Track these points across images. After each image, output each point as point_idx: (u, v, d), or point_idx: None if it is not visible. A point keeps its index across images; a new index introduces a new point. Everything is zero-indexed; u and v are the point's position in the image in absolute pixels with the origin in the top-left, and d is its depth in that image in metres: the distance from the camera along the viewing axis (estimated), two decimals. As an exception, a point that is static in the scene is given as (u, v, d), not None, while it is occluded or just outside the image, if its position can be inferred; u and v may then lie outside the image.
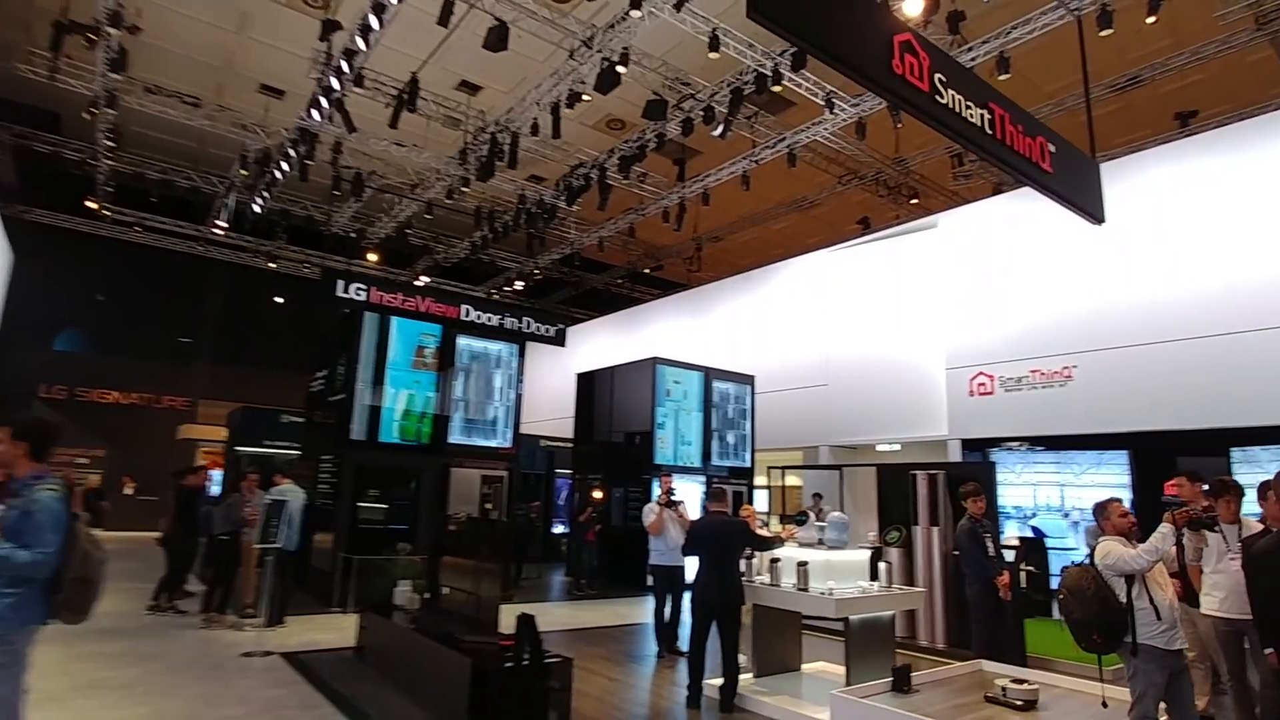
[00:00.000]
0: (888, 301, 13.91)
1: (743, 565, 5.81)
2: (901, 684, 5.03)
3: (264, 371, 20.26)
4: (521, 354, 11.34)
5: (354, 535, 9.10)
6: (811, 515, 6.18)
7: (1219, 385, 9.97)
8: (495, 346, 11.04)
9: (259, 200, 15.90)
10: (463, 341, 10.62)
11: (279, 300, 21.71)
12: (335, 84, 11.43)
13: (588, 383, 14.28)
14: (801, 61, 11.02)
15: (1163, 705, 3.86)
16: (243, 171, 15.21)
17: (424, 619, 5.92)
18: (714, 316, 17.49)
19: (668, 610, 7.35)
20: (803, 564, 5.34)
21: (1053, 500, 12.33)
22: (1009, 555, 6.65)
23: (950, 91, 5.09)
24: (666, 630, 7.31)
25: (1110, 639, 3.84)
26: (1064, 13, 10.20)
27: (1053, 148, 6.29)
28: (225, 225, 17.50)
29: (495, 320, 11.74)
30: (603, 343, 19.73)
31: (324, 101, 11.83)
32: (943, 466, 8.51)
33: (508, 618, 5.09)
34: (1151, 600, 3.81)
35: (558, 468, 15.81)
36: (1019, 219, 12.38)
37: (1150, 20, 9.80)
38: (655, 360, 12.66)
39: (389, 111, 12.44)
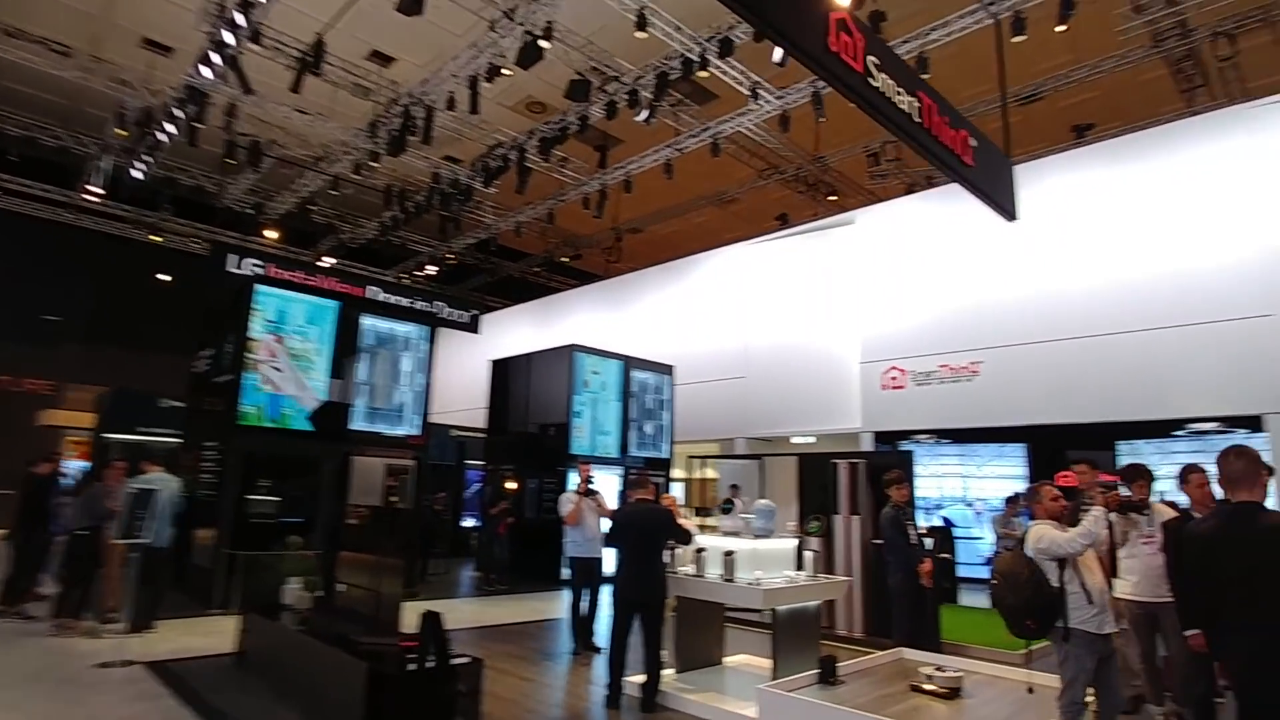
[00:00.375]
0: (806, 296, 14.03)
1: (665, 556, 5.53)
2: (829, 675, 4.88)
3: (141, 353, 18.53)
4: (432, 339, 10.71)
5: (241, 529, 8.30)
6: (738, 504, 5.98)
7: (1107, 381, 10.47)
8: (403, 329, 10.37)
9: (140, 166, 14.49)
10: (368, 322, 9.91)
11: (165, 278, 19.98)
12: (229, 38, 10.45)
13: (503, 370, 13.74)
14: (728, 49, 10.89)
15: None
16: (120, 132, 13.79)
17: (316, 619, 5.36)
18: (634, 307, 17.25)
19: (585, 604, 7.01)
20: (729, 553, 5.11)
21: (957, 491, 12.77)
22: (927, 544, 6.66)
23: (883, 76, 5.03)
24: (584, 625, 6.97)
25: (1043, 624, 3.77)
26: (982, 15, 10.44)
27: (974, 143, 6.32)
28: (100, 192, 15.89)
29: (405, 303, 11.08)
30: (519, 331, 19.16)
31: (216, 57, 10.81)
32: (864, 456, 8.53)
33: (412, 616, 4.63)
34: (1083, 584, 3.77)
35: (468, 458, 15.18)
36: (932, 219, 12.71)
37: (1061, 29, 10.14)
38: (573, 348, 12.28)
39: (291, 75, 11.51)
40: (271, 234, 19.14)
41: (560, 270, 22.64)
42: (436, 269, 21.21)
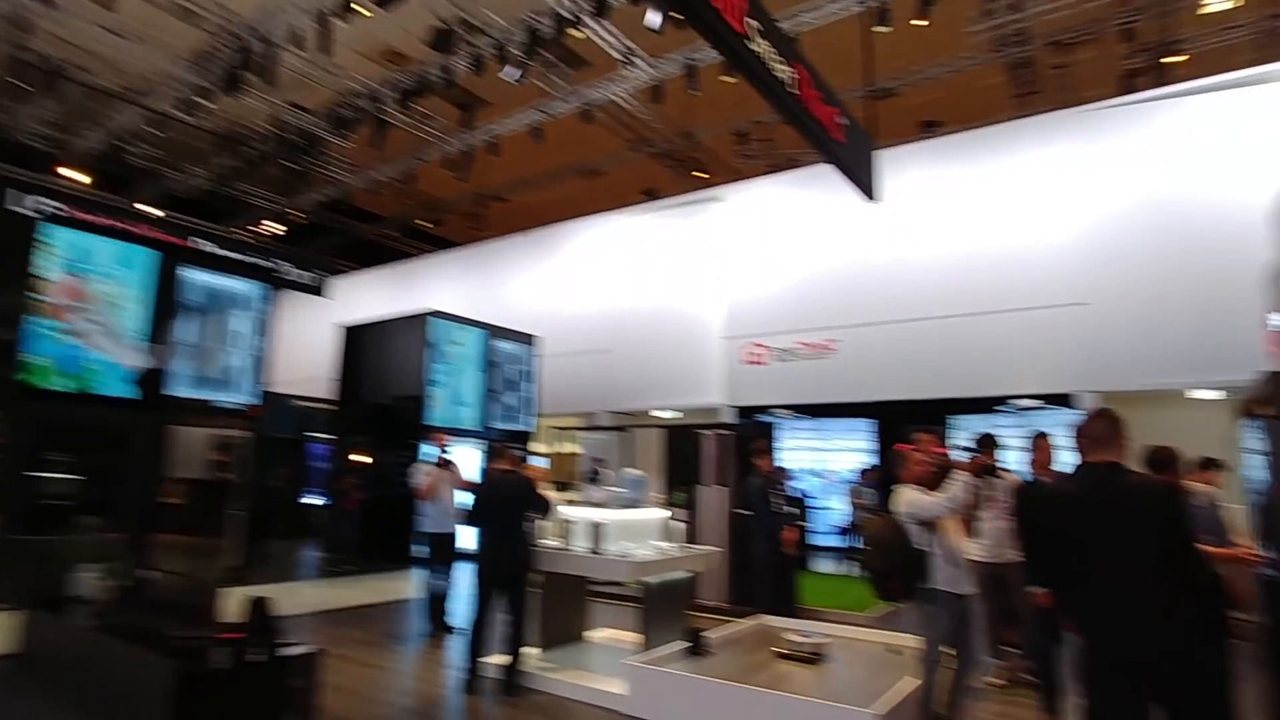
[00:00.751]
0: (674, 271, 14.04)
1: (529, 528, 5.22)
2: (697, 647, 4.79)
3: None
4: (272, 301, 9.67)
5: (30, 511, 7.09)
6: (606, 474, 5.78)
7: (944, 361, 11.19)
8: (238, 287, 9.29)
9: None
10: (195, 278, 8.75)
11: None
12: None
13: (354, 338, 12.75)
14: (603, 9, 10.52)
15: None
16: None
17: (117, 613, 4.59)
18: (497, 277, 16.62)
19: (440, 583, 6.57)
20: (597, 525, 4.89)
21: (809, 464, 13.35)
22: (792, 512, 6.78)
23: (762, 41, 4.95)
24: (439, 605, 6.53)
25: (908, 586, 3.84)
26: (850, 1, 10.71)
27: (843, 121, 6.41)
28: None
29: (239, 258, 9.95)
30: (373, 297, 17.94)
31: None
32: (730, 427, 8.59)
33: (240, 603, 4.05)
34: (945, 547, 3.87)
35: (314, 431, 14.05)
36: (796, 200, 13.06)
37: (920, 23, 10.57)
38: (431, 314, 11.58)
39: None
40: (78, 176, 16.66)
41: (418, 236, 21.43)
42: (282, 227, 19.39)
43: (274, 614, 3.70)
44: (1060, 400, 10.60)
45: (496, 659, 4.90)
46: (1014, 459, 5.40)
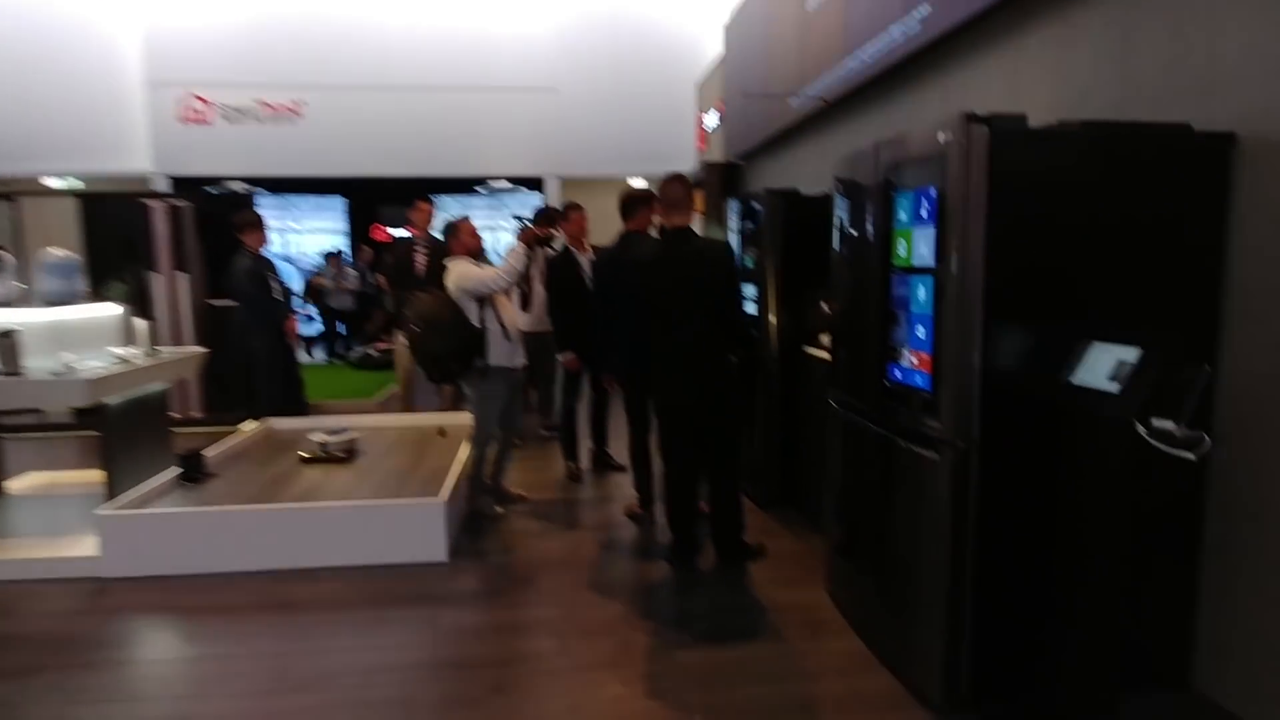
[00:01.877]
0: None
1: None
2: (195, 472, 3.80)
3: None
4: None
5: None
6: (8, 258, 3.86)
7: (423, 138, 10.73)
8: None
9: None
10: None
11: None
12: None
13: None
14: None
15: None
16: None
17: None
18: None
19: None
20: (7, 334, 3.24)
21: (275, 247, 11.77)
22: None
23: None
24: None
25: (465, 365, 3.59)
26: None
27: None
28: None
29: None
30: None
31: None
32: (190, 197, 6.65)
33: None
34: (500, 321, 3.67)
35: None
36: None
37: None
38: None
39: None
40: None
41: None
42: None
43: None
44: (533, 184, 11.30)
45: None
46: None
